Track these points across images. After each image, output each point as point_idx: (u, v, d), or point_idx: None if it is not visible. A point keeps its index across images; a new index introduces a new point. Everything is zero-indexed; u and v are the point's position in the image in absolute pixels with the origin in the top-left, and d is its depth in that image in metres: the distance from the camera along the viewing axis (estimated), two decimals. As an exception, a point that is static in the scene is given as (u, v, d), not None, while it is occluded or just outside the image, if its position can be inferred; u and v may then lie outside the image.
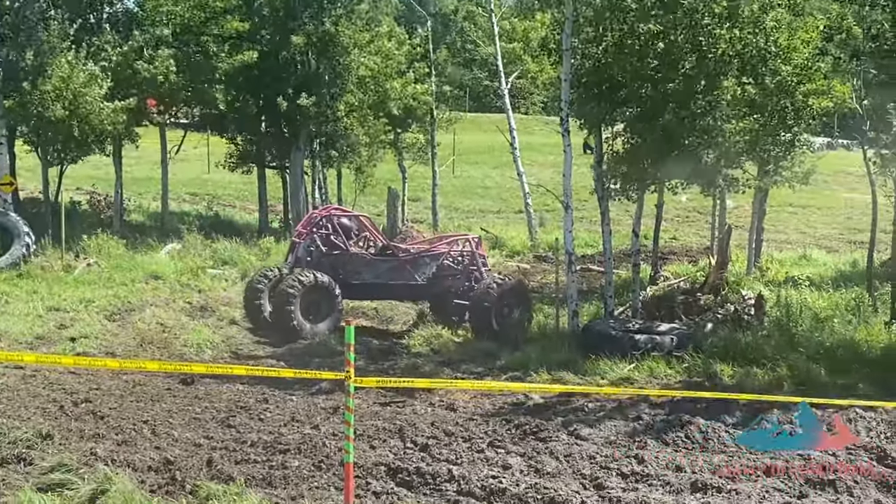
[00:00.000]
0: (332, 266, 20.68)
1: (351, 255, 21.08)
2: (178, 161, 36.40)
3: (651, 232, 26.40)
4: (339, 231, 21.30)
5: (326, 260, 20.75)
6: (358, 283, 21.01)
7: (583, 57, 19.54)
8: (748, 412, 13.67)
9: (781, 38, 19.44)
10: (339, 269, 20.73)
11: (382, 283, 21.29)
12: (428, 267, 21.58)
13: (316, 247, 20.85)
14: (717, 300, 21.34)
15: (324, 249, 20.88)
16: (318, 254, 20.80)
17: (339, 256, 20.95)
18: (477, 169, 51.23)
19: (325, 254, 20.85)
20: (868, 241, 25.25)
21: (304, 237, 21.14)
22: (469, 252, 21.92)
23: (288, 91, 31.95)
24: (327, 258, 20.80)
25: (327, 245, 21.00)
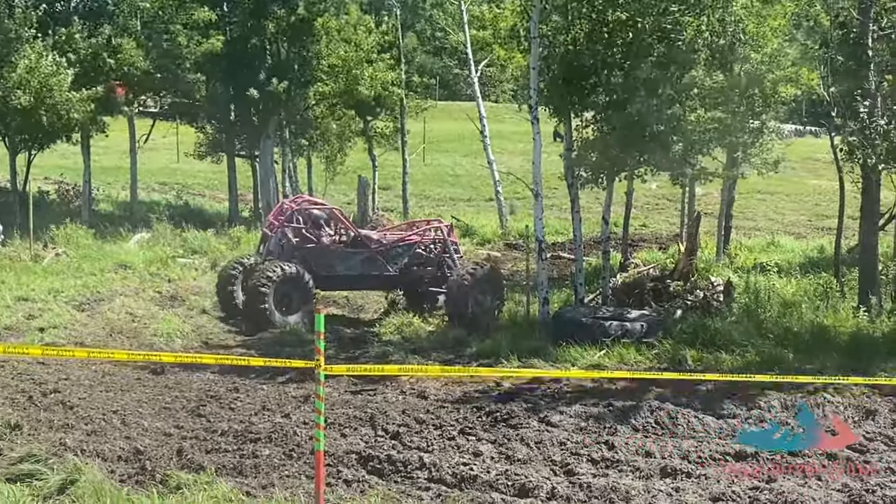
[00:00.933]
0: (304, 259, 20.59)
1: (323, 248, 21.02)
2: (147, 150, 36.26)
3: (621, 219, 26.49)
4: (310, 223, 21.20)
5: (299, 253, 20.67)
6: (331, 276, 20.96)
7: (551, 45, 19.54)
8: (718, 398, 13.78)
9: (750, 26, 19.51)
10: (311, 262, 20.62)
11: (356, 275, 21.28)
12: (401, 257, 21.63)
13: (287, 240, 20.77)
14: (687, 287, 21.42)
15: (295, 242, 20.79)
16: (289, 247, 20.72)
17: (311, 249, 20.86)
18: (447, 157, 51.23)
19: (297, 247, 20.75)
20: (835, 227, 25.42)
21: (276, 230, 21.01)
22: (441, 239, 22.00)
23: (258, 78, 31.83)
24: (299, 251, 20.71)
25: (299, 237, 20.90)
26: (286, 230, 20.89)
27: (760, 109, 20.88)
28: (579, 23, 19.02)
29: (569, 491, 9.89)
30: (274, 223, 21.45)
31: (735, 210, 31.05)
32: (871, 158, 18.75)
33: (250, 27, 32.27)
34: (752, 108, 20.31)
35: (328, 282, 21.15)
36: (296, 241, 20.81)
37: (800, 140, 48.03)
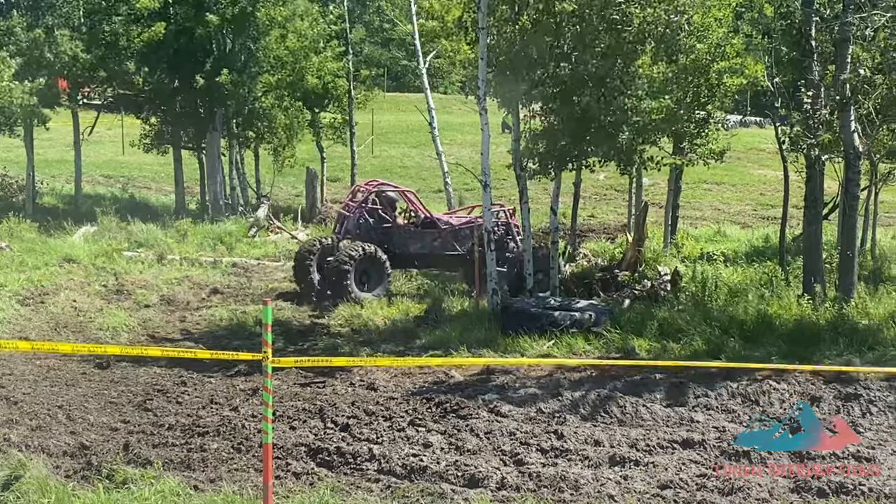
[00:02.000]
0: (380, 238, 22.11)
1: (397, 228, 22.58)
2: (91, 143, 35.83)
3: (569, 210, 26.64)
4: (386, 204, 22.67)
5: (375, 233, 22.20)
6: (405, 254, 22.44)
7: (499, 36, 19.55)
8: (666, 386, 13.89)
9: (695, 17, 19.64)
10: (386, 241, 22.15)
11: (427, 254, 22.71)
12: (468, 238, 22.57)
13: (365, 220, 22.28)
14: (634, 276, 21.60)
15: (372, 222, 22.33)
16: (366, 227, 22.25)
17: (386, 229, 22.40)
18: (396, 148, 51.17)
19: (374, 227, 22.29)
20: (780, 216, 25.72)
21: (354, 211, 22.54)
22: (504, 222, 23.02)
23: (204, 69, 31.56)
24: (375, 231, 22.25)
25: (375, 218, 22.38)
26: (364, 211, 22.38)
27: (706, 100, 21.02)
28: (527, 13, 19.03)
29: (518, 480, 9.92)
30: (351, 205, 22.98)
31: (682, 200, 31.31)
32: (815, 148, 18.98)
33: (194, 17, 31.96)
34: (698, 99, 20.44)
35: (402, 260, 22.56)
36: (372, 222, 22.31)
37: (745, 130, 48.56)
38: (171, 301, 21.24)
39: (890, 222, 34.25)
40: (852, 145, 18.46)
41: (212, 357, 11.63)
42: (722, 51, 20.81)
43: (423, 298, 21.33)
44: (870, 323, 17.20)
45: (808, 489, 9.79)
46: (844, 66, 18.10)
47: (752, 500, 9.60)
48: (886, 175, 26.32)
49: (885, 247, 27.30)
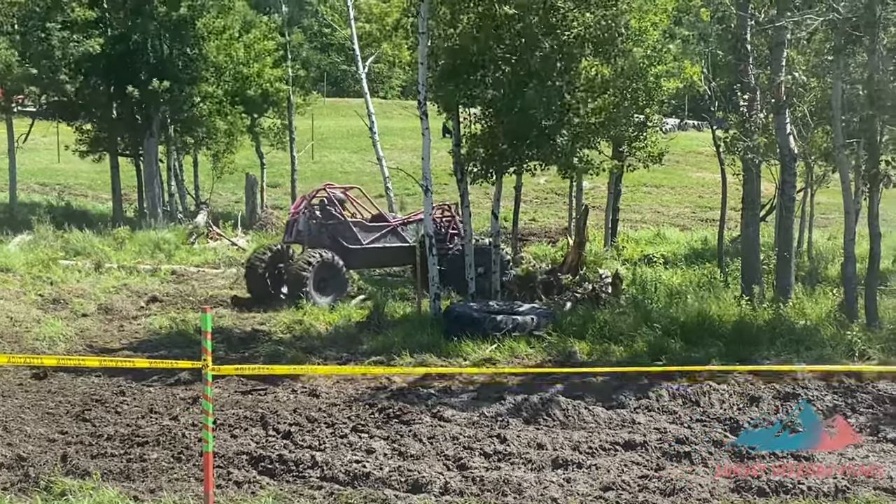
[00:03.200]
0: (331, 236, 22.29)
1: (347, 223, 22.68)
2: (26, 150, 35.37)
3: (511, 214, 26.72)
4: (334, 202, 22.85)
5: (326, 229, 22.38)
6: (358, 249, 22.54)
7: (439, 38, 19.56)
8: (607, 389, 13.97)
9: (633, 21, 19.79)
10: (338, 237, 22.32)
11: (379, 247, 22.91)
12: (416, 231, 22.87)
13: (315, 219, 22.48)
14: (576, 279, 21.71)
15: (321, 221, 22.49)
16: (317, 226, 22.43)
17: (336, 225, 22.54)
18: (336, 154, 51.02)
19: (324, 223, 22.44)
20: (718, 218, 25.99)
21: (303, 211, 22.69)
22: (451, 216, 23.61)
23: (140, 76, 31.23)
24: (326, 227, 22.41)
25: (324, 215, 22.54)
26: (314, 210, 22.66)
27: (644, 103, 21.20)
28: (466, 17, 19.07)
29: (462, 485, 9.91)
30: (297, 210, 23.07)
31: (622, 203, 31.55)
32: (751, 151, 19.20)
33: (131, 25, 31.63)
34: (636, 102, 20.61)
35: (355, 255, 22.60)
36: (322, 220, 22.49)
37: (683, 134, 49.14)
38: (110, 310, 20.95)
39: (826, 223, 34.75)
40: (788, 148, 18.71)
41: (151, 366, 11.48)
42: (659, 55, 20.98)
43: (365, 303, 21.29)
44: (807, 323, 17.44)
45: (748, 489, 9.87)
46: (779, 70, 18.34)
47: (694, 501, 9.66)
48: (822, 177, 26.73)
49: (822, 247, 27.70)
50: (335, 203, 22.91)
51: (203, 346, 8.47)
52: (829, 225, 34.41)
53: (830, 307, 18.39)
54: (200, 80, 32.69)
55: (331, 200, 22.91)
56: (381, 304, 19.85)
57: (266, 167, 39.07)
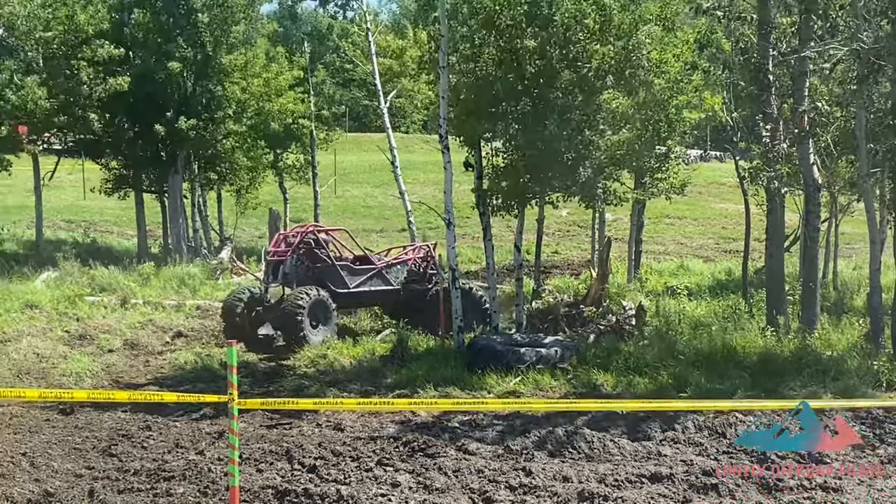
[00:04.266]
0: (319, 278, 21.69)
1: (335, 267, 22.11)
2: (52, 188, 35.58)
3: (533, 247, 26.71)
4: (321, 245, 22.34)
5: (313, 273, 21.81)
6: (344, 292, 21.99)
7: (460, 73, 19.68)
8: (633, 420, 13.92)
9: (653, 53, 19.85)
10: (326, 280, 21.73)
11: (365, 290, 22.43)
12: (399, 273, 22.85)
13: (301, 262, 21.87)
14: (599, 312, 21.67)
15: (308, 264, 21.90)
16: (303, 268, 21.84)
17: (324, 268, 21.98)
18: (359, 188, 51.20)
19: (311, 267, 21.88)
20: (742, 249, 25.91)
21: (290, 254, 21.96)
22: (430, 257, 23.30)
23: (165, 115, 31.49)
24: (313, 271, 21.85)
25: (311, 259, 21.94)
26: (301, 254, 21.98)
27: (666, 134, 21.22)
28: (488, 51, 19.18)
29: (488, 518, 9.89)
30: (278, 251, 22.29)
31: (644, 235, 31.50)
32: (775, 181, 19.17)
33: (155, 63, 31.92)
34: (658, 133, 20.63)
35: (342, 298, 22.05)
36: (308, 264, 21.89)
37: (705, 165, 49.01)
38: (135, 345, 21.05)
39: (850, 254, 34.56)
40: (812, 178, 18.68)
41: (178, 400, 11.50)
42: (680, 86, 21.01)
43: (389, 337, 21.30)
44: (833, 354, 17.34)
45: (776, 520, 9.81)
46: (802, 100, 18.35)
47: (722, 533, 9.61)
48: (846, 207, 26.62)
49: (847, 278, 27.55)
50: (323, 245, 22.43)
51: (229, 379, 8.51)
52: (854, 255, 34.20)
53: (856, 337, 18.29)
54: (224, 117, 32.92)
55: (318, 243, 22.36)
56: (405, 337, 19.86)
57: (289, 202, 39.23)
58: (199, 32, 31.73)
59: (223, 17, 32.11)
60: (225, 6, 32.19)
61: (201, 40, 31.78)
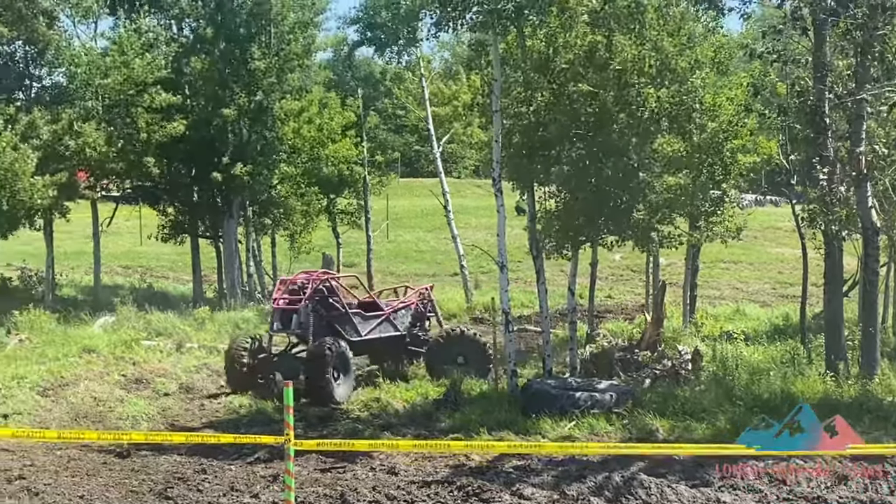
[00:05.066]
0: (333, 327, 21.11)
1: (348, 315, 21.56)
2: (110, 234, 35.99)
3: (586, 291, 26.58)
4: (335, 292, 21.74)
5: (327, 322, 21.14)
6: (358, 341, 21.48)
7: (514, 117, 19.74)
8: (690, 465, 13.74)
9: (708, 97, 19.80)
10: (340, 329, 21.18)
11: (376, 338, 21.95)
12: (404, 318, 22.54)
13: (316, 312, 21.06)
14: (654, 356, 21.47)
15: (323, 312, 21.19)
16: (317, 317, 21.06)
17: (338, 316, 21.38)
18: (411, 233, 51.35)
19: (325, 316, 21.18)
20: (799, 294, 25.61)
21: (303, 303, 21.12)
22: (430, 300, 23.22)
23: (221, 161, 31.86)
24: (327, 320, 21.18)
25: (325, 307, 21.28)
26: (314, 302, 21.19)
27: (721, 178, 21.11)
28: (541, 94, 19.24)
29: (545, 563, 9.78)
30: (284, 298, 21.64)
31: (699, 279, 31.22)
32: (833, 225, 18.96)
33: (211, 111, 32.34)
34: (713, 177, 20.52)
35: (356, 347, 21.52)
36: (323, 311, 21.19)
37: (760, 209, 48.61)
38: (190, 389, 21.19)
39: (910, 298, 34.03)
40: (870, 221, 18.46)
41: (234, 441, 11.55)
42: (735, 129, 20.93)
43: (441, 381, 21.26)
44: (894, 399, 17.05)
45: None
46: (859, 142, 18.18)
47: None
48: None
49: (907, 323, 27.12)
50: (336, 293, 21.83)
51: (285, 420, 8.52)
52: (913, 300, 33.69)
53: (918, 383, 17.98)
54: (278, 162, 33.25)
55: (331, 290, 21.75)
56: (458, 381, 19.81)
57: (342, 247, 39.41)
58: (255, 80, 32.15)
59: (279, 65, 32.51)
60: (281, 55, 32.62)
61: (257, 87, 32.19)
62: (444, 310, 32.26)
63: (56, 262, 32.66)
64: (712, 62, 20.24)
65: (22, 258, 36.23)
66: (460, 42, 55.76)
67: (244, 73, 32.32)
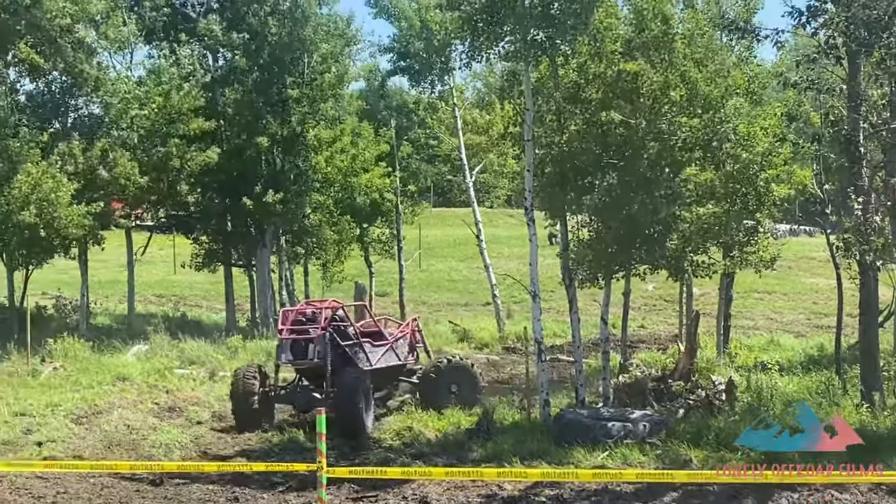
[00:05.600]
0: (347, 356, 20.85)
1: (361, 344, 21.30)
2: (144, 263, 36.29)
3: (619, 320, 26.48)
4: (349, 320, 21.60)
5: (342, 351, 20.86)
6: (370, 370, 21.15)
7: (546, 146, 19.77)
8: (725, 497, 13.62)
9: (741, 126, 19.76)
10: (353, 359, 20.91)
11: (383, 367, 21.67)
12: (402, 347, 22.38)
13: (334, 341, 20.75)
14: (688, 386, 21.33)
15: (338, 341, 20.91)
16: (333, 346, 20.74)
17: (351, 346, 21.16)
18: (443, 262, 51.41)
19: (339, 345, 20.89)
20: (834, 325, 25.40)
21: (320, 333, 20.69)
22: (419, 331, 23.33)
23: (254, 189, 32.06)
24: (342, 349, 20.89)
25: (340, 336, 21.04)
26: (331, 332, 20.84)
27: (754, 208, 21.02)
28: (573, 124, 19.26)
29: None
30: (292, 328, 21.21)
31: (733, 309, 31.03)
32: (869, 255, 18.81)
33: (244, 140, 32.58)
34: (747, 207, 20.45)
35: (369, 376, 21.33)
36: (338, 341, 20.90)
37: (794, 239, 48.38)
38: (223, 417, 21.23)
39: (946, 329, 33.68)
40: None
41: (266, 469, 11.56)
42: (769, 159, 20.85)
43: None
44: (932, 430, 16.86)
45: None
46: (895, 172, 18.06)
47: None
48: (941, 280, 25.98)
49: (943, 353, 26.82)
50: (349, 321, 21.66)
51: (318, 447, 8.53)
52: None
53: (955, 413, 17.76)
54: (311, 191, 33.43)
55: (344, 318, 21.57)
56: (490, 410, 19.75)
57: (374, 275, 39.51)
58: (289, 109, 32.37)
59: (312, 95, 32.72)
60: (314, 84, 32.83)
61: (290, 117, 32.40)
62: (477, 339, 32.33)
63: (90, 290, 32.93)
64: (746, 91, 20.20)
65: (57, 287, 36.59)
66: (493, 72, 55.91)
67: (277, 103, 32.56)
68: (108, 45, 30.74)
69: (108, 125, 30.26)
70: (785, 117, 21.06)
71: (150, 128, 30.36)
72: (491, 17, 18.93)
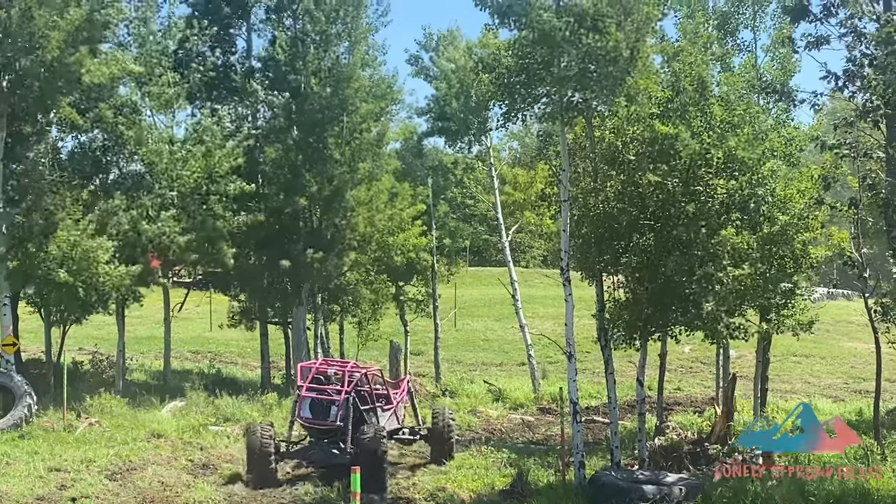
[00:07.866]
0: (362, 418, 20.97)
1: (375, 407, 21.61)
2: (180, 319, 36.50)
3: (655, 382, 26.34)
4: (368, 382, 21.76)
5: (361, 414, 21.05)
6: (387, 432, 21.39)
7: (583, 207, 19.82)
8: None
9: (778, 188, 19.73)
10: (368, 421, 21.02)
11: (393, 428, 22.05)
12: (401, 409, 22.77)
13: (356, 404, 20.93)
14: (725, 450, 21.14)
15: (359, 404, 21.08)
16: (356, 407, 20.91)
17: (370, 408, 21.50)
18: (478, 322, 51.40)
19: (359, 407, 21.06)
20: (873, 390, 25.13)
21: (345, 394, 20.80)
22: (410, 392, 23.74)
23: (293, 248, 32.26)
24: (361, 412, 21.07)
25: (360, 399, 21.19)
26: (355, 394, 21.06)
27: (791, 270, 20.93)
28: (610, 185, 19.33)
29: None
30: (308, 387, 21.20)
31: (771, 373, 30.73)
32: (907, 318, 18.67)
33: (284, 199, 32.80)
34: (784, 269, 20.35)
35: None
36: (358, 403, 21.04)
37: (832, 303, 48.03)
38: (257, 475, 21.18)
39: None
40: (945, 314, 18.14)
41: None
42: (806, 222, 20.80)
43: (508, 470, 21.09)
44: (974, 498, 16.59)
45: None
46: (932, 235, 17.97)
47: None
48: (982, 347, 25.67)
49: None
50: (370, 383, 21.82)
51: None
52: None
53: None
54: (348, 250, 33.58)
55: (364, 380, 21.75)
56: (525, 470, 19.63)
57: (409, 334, 39.52)
58: (328, 168, 32.58)
59: (351, 153, 32.91)
60: (353, 144, 33.03)
61: (329, 176, 32.59)
62: (512, 399, 32.22)
63: (127, 346, 33.11)
64: (783, 154, 20.21)
65: (94, 342, 36.89)
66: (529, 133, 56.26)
67: (317, 162, 32.80)
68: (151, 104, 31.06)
69: (150, 183, 30.46)
70: (822, 181, 21.02)
71: (193, 185, 30.56)
72: (528, 79, 19.07)
